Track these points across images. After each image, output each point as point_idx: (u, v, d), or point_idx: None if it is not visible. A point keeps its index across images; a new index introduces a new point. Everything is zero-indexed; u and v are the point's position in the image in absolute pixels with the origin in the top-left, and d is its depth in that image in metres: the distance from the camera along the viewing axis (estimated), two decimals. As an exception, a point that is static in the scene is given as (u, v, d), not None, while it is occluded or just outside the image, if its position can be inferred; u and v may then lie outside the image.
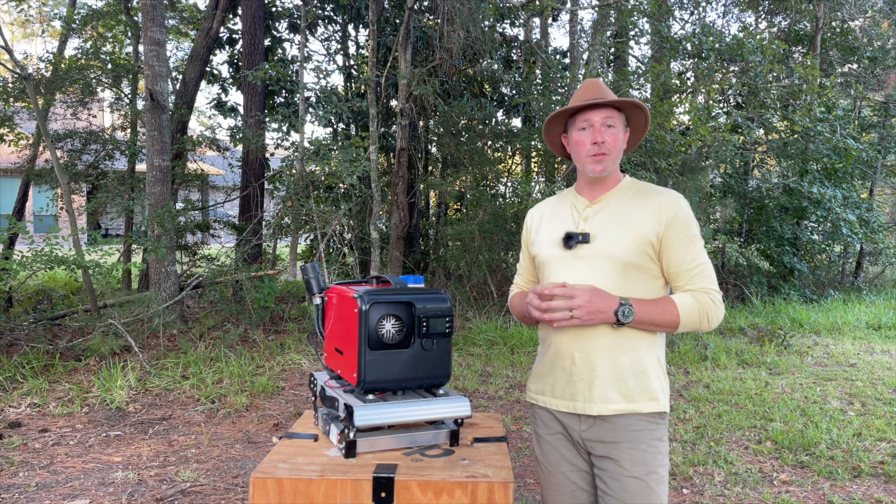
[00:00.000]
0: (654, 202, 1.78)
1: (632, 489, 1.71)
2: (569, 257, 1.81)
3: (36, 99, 7.39)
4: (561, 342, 1.80)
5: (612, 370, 1.74)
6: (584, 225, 1.82)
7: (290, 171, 8.51)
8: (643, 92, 9.67)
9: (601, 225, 1.80)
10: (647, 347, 1.77)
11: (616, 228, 1.77)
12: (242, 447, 4.14)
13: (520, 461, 3.97)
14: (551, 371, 1.84)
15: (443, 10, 8.50)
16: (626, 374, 1.75)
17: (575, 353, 1.77)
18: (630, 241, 1.75)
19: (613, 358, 1.74)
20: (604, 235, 1.78)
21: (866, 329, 8.59)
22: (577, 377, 1.77)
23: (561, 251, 1.83)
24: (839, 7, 12.30)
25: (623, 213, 1.79)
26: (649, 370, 1.76)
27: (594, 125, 1.79)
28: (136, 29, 9.74)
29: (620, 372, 1.74)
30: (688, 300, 1.74)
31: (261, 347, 6.50)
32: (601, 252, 1.76)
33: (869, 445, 4.24)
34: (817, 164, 10.95)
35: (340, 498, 1.52)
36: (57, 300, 8.61)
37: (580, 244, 1.79)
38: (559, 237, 1.84)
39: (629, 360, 1.75)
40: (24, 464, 3.78)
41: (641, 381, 1.75)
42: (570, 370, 1.78)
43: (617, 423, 1.74)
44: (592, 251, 1.78)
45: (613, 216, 1.80)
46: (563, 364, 1.80)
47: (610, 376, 1.74)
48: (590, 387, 1.75)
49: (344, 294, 1.79)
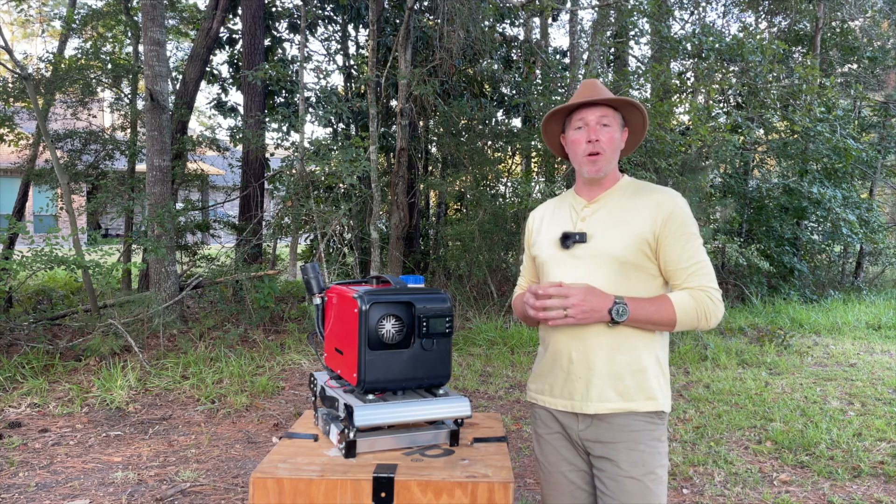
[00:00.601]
0: (651, 200, 1.78)
1: (630, 490, 1.71)
2: (566, 257, 1.81)
3: (36, 99, 7.39)
4: (559, 342, 1.81)
5: (609, 369, 1.74)
6: (581, 225, 1.82)
7: (290, 171, 8.51)
8: (643, 92, 9.67)
9: (599, 224, 1.80)
10: (646, 347, 1.77)
11: (613, 228, 1.78)
12: (242, 447, 4.14)
13: (520, 461, 3.97)
14: (550, 371, 1.85)
15: (443, 10, 8.49)
16: (624, 373, 1.75)
17: (573, 352, 1.78)
18: (627, 240, 1.75)
19: (611, 357, 1.75)
20: (601, 235, 1.78)
21: (866, 329, 8.59)
22: (575, 376, 1.78)
23: (559, 251, 1.83)
24: (839, 7, 12.29)
25: (621, 213, 1.79)
26: (647, 369, 1.76)
27: (589, 124, 1.80)
28: (136, 29, 9.74)
29: (618, 371, 1.74)
30: (685, 298, 1.73)
31: (261, 347, 6.50)
32: (598, 251, 1.77)
33: (869, 445, 4.24)
34: (817, 164, 10.95)
35: (340, 498, 1.52)
36: (57, 300, 8.61)
37: (577, 244, 1.80)
38: (557, 237, 1.85)
39: (627, 359, 1.75)
40: (24, 464, 3.78)
41: (639, 380, 1.75)
42: (568, 369, 1.79)
43: (614, 423, 1.74)
44: (590, 250, 1.78)
45: (611, 215, 1.80)
46: (562, 363, 1.81)
47: (607, 375, 1.74)
48: (587, 386, 1.76)
49: (344, 294, 1.79)
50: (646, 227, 1.75)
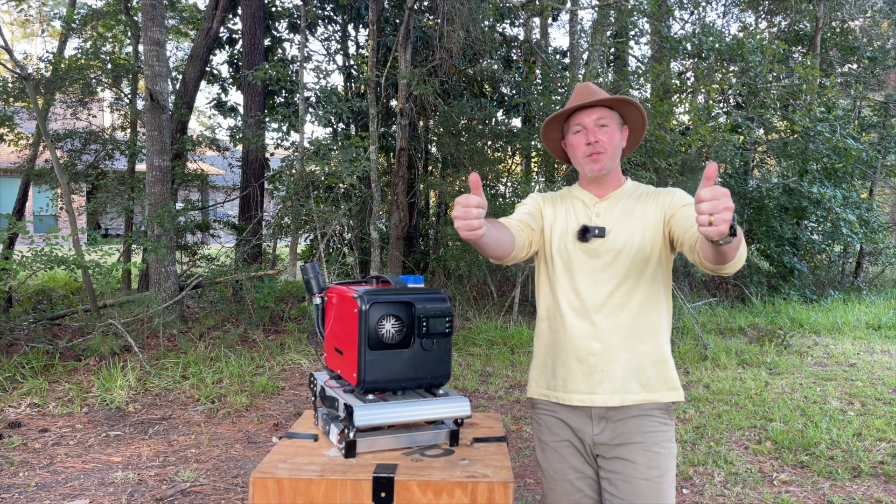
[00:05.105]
0: (654, 195, 1.83)
1: (643, 492, 1.70)
2: (581, 250, 1.81)
3: (36, 99, 7.39)
4: (577, 333, 1.78)
5: (630, 359, 1.74)
6: (597, 220, 1.82)
7: (290, 171, 8.51)
8: (643, 92, 9.67)
9: (614, 221, 1.81)
10: (663, 336, 1.78)
11: (629, 224, 1.79)
12: (242, 447, 4.14)
13: (520, 461, 3.97)
14: (564, 365, 1.80)
15: (443, 10, 8.49)
16: (645, 363, 1.75)
17: (594, 343, 1.75)
18: (646, 234, 1.77)
19: (631, 347, 1.74)
20: (619, 230, 1.79)
21: (866, 329, 8.58)
22: (597, 368, 1.75)
23: (575, 243, 1.82)
24: (839, 7, 12.29)
25: (633, 210, 1.82)
26: (667, 359, 1.77)
27: (587, 127, 1.80)
28: (136, 29, 9.74)
29: (640, 361, 1.74)
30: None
31: (261, 347, 6.50)
32: (618, 246, 1.77)
33: (869, 445, 4.24)
34: (817, 164, 10.95)
35: (340, 498, 1.52)
36: (57, 300, 8.61)
37: (596, 238, 1.80)
38: (573, 229, 1.83)
39: (647, 349, 1.75)
40: (24, 464, 3.78)
41: (660, 370, 1.76)
42: (588, 361, 1.76)
43: (630, 423, 1.73)
44: (608, 245, 1.78)
45: (624, 213, 1.82)
46: (579, 355, 1.77)
47: (630, 366, 1.74)
48: (609, 378, 1.74)
49: (344, 294, 1.79)
50: (656, 216, 1.78)
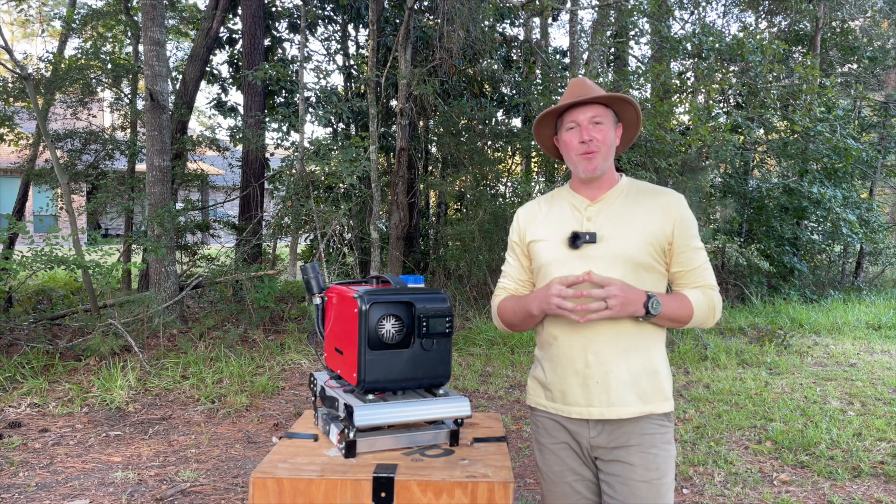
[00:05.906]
0: (660, 202, 1.77)
1: (641, 494, 1.69)
2: (575, 258, 1.75)
3: (36, 99, 7.39)
4: (572, 346, 1.75)
5: (627, 371, 1.72)
6: (588, 225, 1.77)
7: (290, 171, 8.51)
8: (643, 92, 9.67)
9: (607, 225, 1.76)
10: (657, 347, 1.77)
11: (624, 228, 1.74)
12: (242, 447, 4.14)
13: (520, 461, 3.97)
14: (562, 378, 1.78)
15: (443, 10, 8.49)
16: (640, 374, 1.73)
17: (588, 355, 1.73)
18: (640, 241, 1.73)
19: (627, 359, 1.72)
20: (612, 235, 1.74)
21: (866, 329, 8.58)
22: (593, 381, 1.73)
23: (565, 251, 1.77)
24: (839, 7, 12.30)
25: (628, 214, 1.77)
26: (660, 370, 1.76)
27: (581, 124, 1.75)
28: (136, 29, 9.74)
29: (635, 373, 1.72)
30: (699, 296, 1.76)
31: (261, 347, 6.50)
32: (611, 252, 1.73)
33: (869, 445, 4.24)
34: (817, 164, 10.95)
35: (340, 498, 1.52)
36: (57, 300, 8.61)
37: (587, 244, 1.75)
38: (563, 237, 1.78)
39: (642, 360, 1.73)
40: (24, 464, 3.78)
41: (654, 381, 1.74)
42: (584, 374, 1.73)
43: (628, 427, 1.72)
44: (601, 251, 1.73)
45: (619, 216, 1.77)
46: (575, 368, 1.75)
47: (626, 378, 1.72)
48: (607, 390, 1.72)
49: (344, 294, 1.79)
50: (658, 230, 1.74)
